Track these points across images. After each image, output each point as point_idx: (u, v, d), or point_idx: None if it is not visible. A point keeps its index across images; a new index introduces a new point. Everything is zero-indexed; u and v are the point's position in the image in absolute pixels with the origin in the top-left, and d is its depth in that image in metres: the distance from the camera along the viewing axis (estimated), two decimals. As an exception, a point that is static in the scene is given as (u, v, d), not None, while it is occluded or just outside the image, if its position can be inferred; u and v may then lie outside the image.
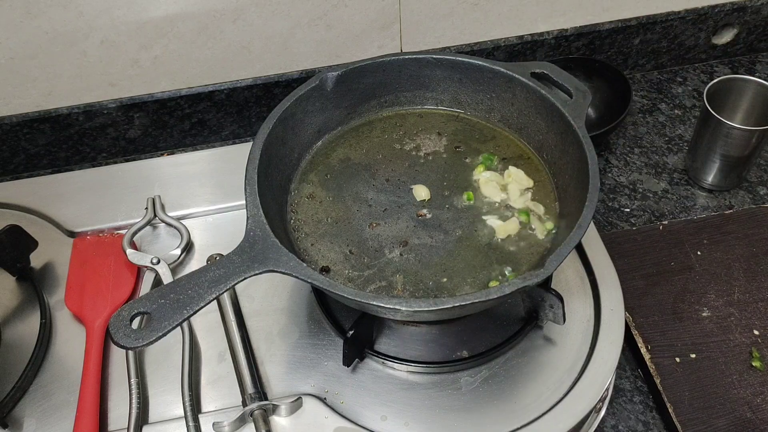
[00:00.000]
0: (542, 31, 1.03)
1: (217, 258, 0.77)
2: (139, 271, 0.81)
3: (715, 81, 0.89)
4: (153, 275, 0.79)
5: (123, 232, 0.84)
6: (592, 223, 0.71)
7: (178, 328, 0.56)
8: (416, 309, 0.57)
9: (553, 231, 0.70)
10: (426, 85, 0.81)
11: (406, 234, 0.71)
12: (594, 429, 0.72)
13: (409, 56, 0.79)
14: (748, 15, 1.06)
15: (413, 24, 0.97)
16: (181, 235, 0.83)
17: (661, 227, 0.87)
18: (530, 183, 0.73)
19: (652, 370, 0.74)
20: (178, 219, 0.85)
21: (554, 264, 0.59)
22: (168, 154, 1.02)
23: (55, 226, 0.85)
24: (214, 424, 0.66)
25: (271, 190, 0.70)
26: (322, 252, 0.70)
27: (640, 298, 0.81)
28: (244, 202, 0.64)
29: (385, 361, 0.71)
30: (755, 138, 0.86)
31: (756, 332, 0.77)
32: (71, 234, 0.85)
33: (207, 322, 0.76)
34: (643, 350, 0.76)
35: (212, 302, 0.57)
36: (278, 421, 0.67)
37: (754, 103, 0.90)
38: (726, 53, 1.12)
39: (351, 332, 0.67)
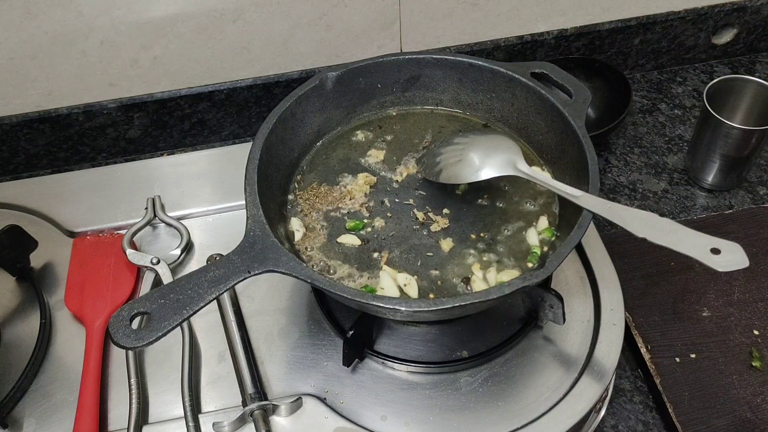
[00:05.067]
0: (542, 31, 1.03)
1: (217, 258, 0.77)
2: (139, 271, 0.81)
3: (715, 81, 0.89)
4: (153, 275, 0.79)
5: (123, 232, 0.84)
6: (592, 223, 0.71)
7: (178, 328, 0.56)
8: (416, 309, 0.57)
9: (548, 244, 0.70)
10: (426, 85, 0.81)
11: (407, 234, 0.71)
12: (594, 429, 0.72)
13: (409, 56, 0.79)
14: (748, 15, 1.06)
15: (413, 24, 0.97)
16: (181, 235, 0.83)
17: (661, 227, 0.87)
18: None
19: (652, 370, 0.74)
20: (178, 219, 0.85)
21: (554, 264, 0.59)
22: (168, 155, 1.02)
23: (55, 226, 0.85)
24: (214, 424, 0.66)
25: (271, 190, 0.70)
26: (322, 252, 0.70)
27: (640, 298, 0.81)
28: (244, 202, 0.64)
29: (385, 361, 0.71)
30: (755, 138, 0.86)
31: (756, 332, 0.77)
32: (71, 234, 0.85)
33: (207, 322, 0.76)
34: (643, 350, 0.76)
35: (212, 302, 0.57)
36: (278, 421, 0.67)
37: (754, 103, 0.90)
38: (726, 53, 1.12)
39: (351, 332, 0.67)
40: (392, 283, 0.66)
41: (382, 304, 0.58)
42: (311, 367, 0.72)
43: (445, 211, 0.73)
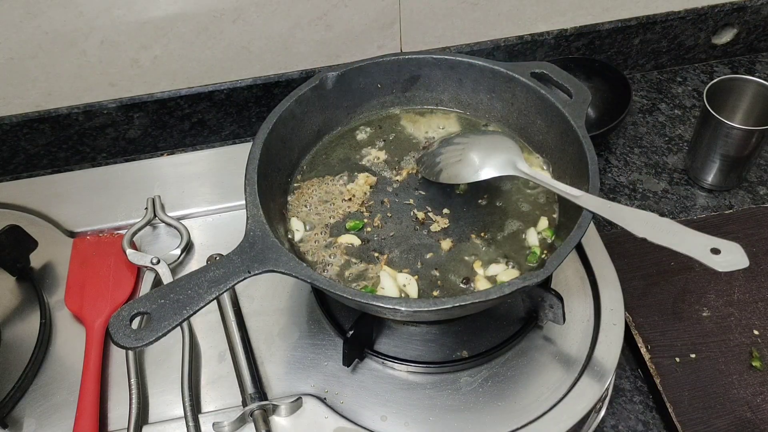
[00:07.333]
0: (542, 31, 1.03)
1: (217, 258, 0.77)
2: (139, 271, 0.81)
3: (714, 81, 0.89)
4: (153, 275, 0.79)
5: (123, 232, 0.84)
6: (592, 223, 0.71)
7: (178, 328, 0.56)
8: (416, 309, 0.57)
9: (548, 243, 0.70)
10: (426, 85, 0.81)
11: (407, 234, 0.71)
12: (594, 429, 0.72)
13: (409, 56, 0.79)
14: (748, 15, 1.06)
15: (413, 24, 0.97)
16: (181, 235, 0.83)
17: (661, 227, 0.87)
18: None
19: (652, 370, 0.74)
20: (178, 219, 0.85)
21: (554, 264, 0.59)
22: (168, 155, 1.02)
23: (55, 226, 0.85)
24: (214, 424, 0.66)
25: (271, 190, 0.70)
26: (322, 252, 0.70)
27: (640, 298, 0.81)
28: (244, 202, 0.64)
29: (385, 361, 0.71)
30: (755, 138, 0.86)
31: (756, 332, 0.77)
32: (71, 234, 0.85)
33: (207, 322, 0.76)
34: (643, 350, 0.76)
35: (212, 302, 0.57)
36: (278, 421, 0.67)
37: (753, 103, 0.90)
38: (726, 53, 1.12)
39: (351, 332, 0.67)
40: (392, 283, 0.66)
41: (382, 304, 0.58)
42: (311, 367, 0.72)
43: (445, 211, 0.73)
